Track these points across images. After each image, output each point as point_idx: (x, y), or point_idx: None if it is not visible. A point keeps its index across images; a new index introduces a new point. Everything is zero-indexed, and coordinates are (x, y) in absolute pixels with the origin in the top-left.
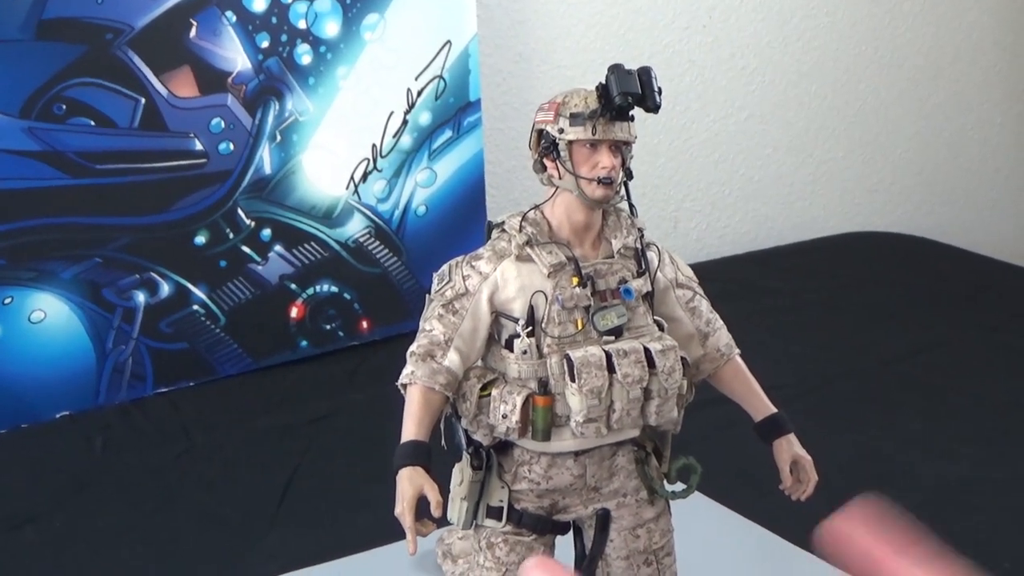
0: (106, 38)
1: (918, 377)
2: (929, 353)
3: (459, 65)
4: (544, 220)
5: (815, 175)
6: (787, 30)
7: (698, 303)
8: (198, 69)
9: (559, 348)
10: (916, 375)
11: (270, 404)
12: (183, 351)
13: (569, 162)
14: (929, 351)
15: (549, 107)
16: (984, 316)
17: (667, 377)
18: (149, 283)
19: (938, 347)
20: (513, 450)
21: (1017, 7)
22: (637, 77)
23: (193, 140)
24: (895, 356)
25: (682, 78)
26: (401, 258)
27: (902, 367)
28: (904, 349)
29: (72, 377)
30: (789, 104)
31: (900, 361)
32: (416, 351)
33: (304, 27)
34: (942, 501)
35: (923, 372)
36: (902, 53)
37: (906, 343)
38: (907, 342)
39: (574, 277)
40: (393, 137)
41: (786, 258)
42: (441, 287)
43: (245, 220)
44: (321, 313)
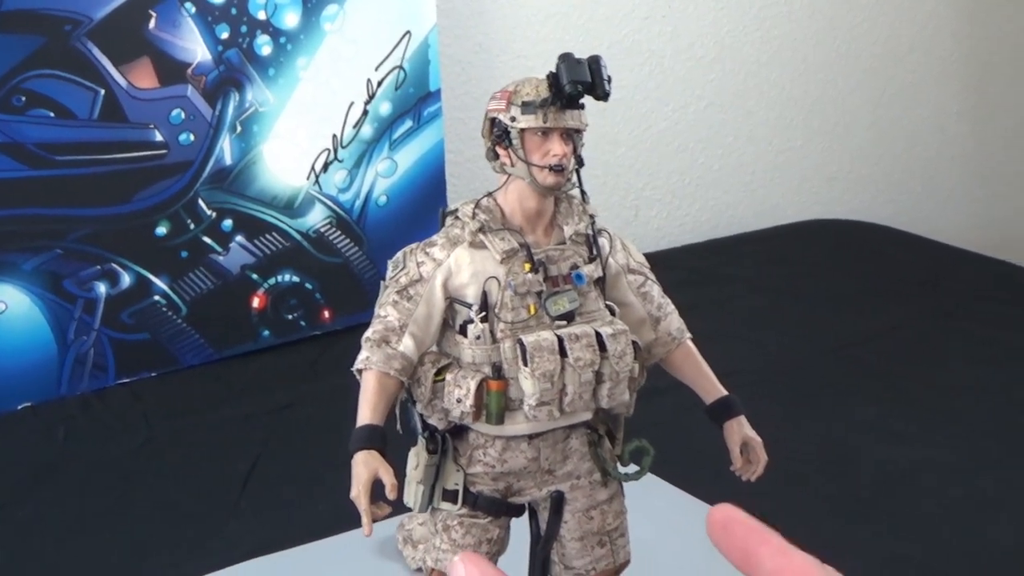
0: (65, 29)
1: (873, 362)
2: (884, 339)
3: (419, 55)
4: (497, 207)
5: (774, 164)
6: (746, 20)
7: (649, 288)
8: (158, 60)
9: (512, 333)
10: (871, 360)
11: (232, 394)
12: (145, 342)
13: (521, 150)
14: (885, 337)
15: (501, 96)
16: (940, 302)
17: (618, 360)
18: (110, 274)
19: (894, 332)
20: (468, 434)
21: None
22: (587, 66)
23: (153, 131)
24: (851, 341)
25: (641, 68)
26: (362, 248)
27: (857, 352)
28: (860, 335)
29: (34, 368)
30: (748, 94)
31: (856, 346)
32: (371, 337)
33: (264, 18)
34: (894, 484)
35: (878, 357)
36: (859, 43)
37: (862, 329)
38: (863, 328)
39: (526, 263)
40: (353, 127)
41: (746, 246)
42: (395, 274)
43: (206, 211)
44: (283, 303)
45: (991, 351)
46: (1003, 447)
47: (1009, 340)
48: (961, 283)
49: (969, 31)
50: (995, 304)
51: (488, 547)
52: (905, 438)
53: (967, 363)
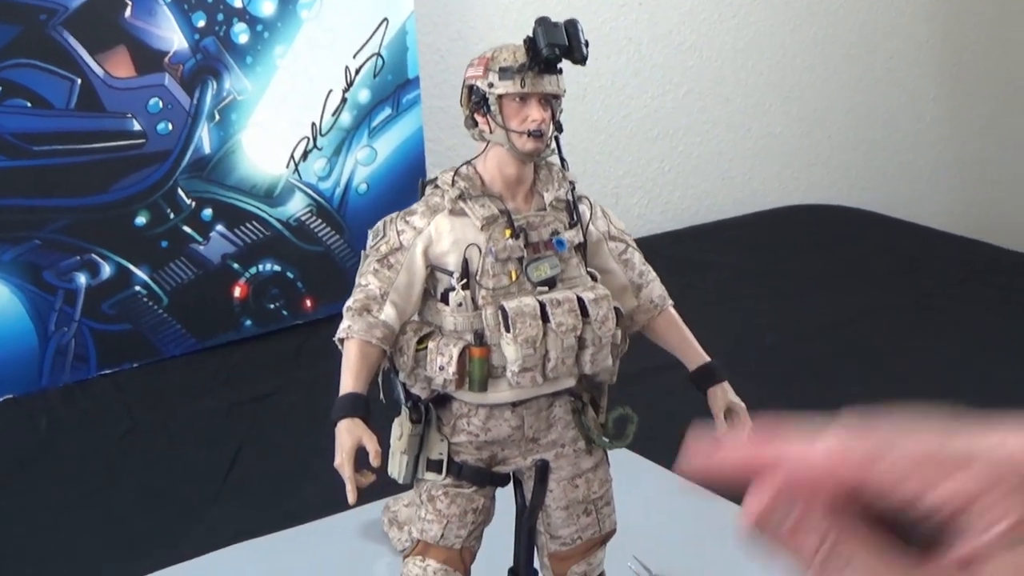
0: (40, 19)
1: (854, 344)
2: (865, 321)
3: (397, 43)
4: (476, 175)
5: (754, 150)
6: (723, 6)
7: (631, 255)
8: (134, 49)
9: (493, 299)
10: (852, 343)
11: (215, 384)
12: (126, 332)
13: (499, 116)
14: (865, 319)
15: (479, 62)
16: (920, 283)
17: (600, 325)
18: (90, 264)
19: (874, 315)
20: (451, 403)
21: None
22: (564, 30)
23: (131, 120)
24: (832, 324)
25: (619, 55)
26: (343, 236)
27: (839, 335)
28: (842, 317)
29: (14, 360)
30: (727, 80)
31: (837, 329)
32: (352, 306)
33: (240, 6)
34: None
35: (859, 340)
36: (837, 29)
37: (843, 312)
38: (844, 311)
39: (507, 229)
40: (332, 115)
41: (727, 232)
42: (376, 242)
43: (186, 200)
44: (264, 292)
45: (970, 332)
46: None
47: (988, 321)
48: (940, 265)
49: (945, 16)
50: (974, 285)
51: (473, 517)
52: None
53: (947, 344)
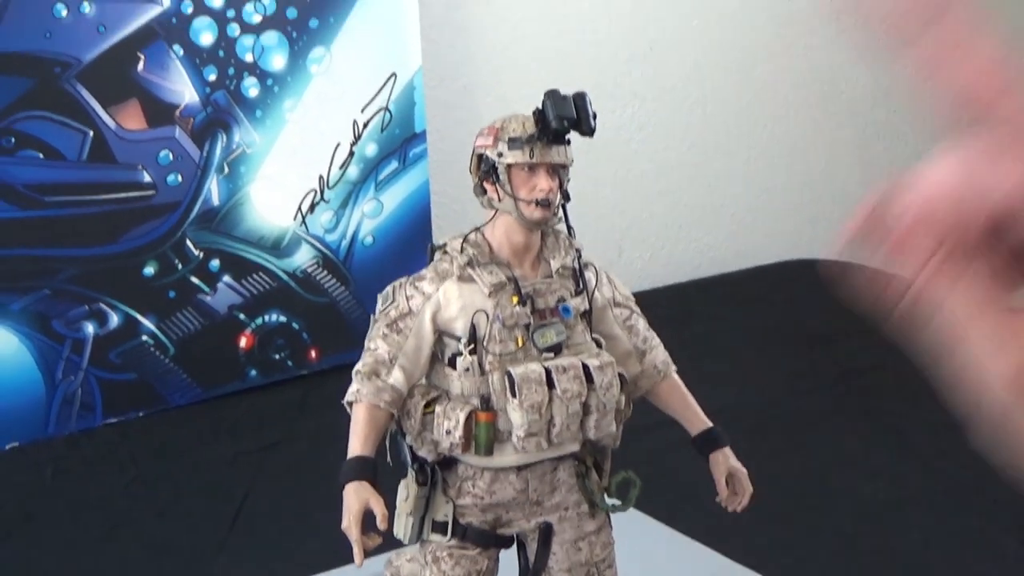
0: (55, 71)
1: (856, 399)
2: (867, 376)
3: (404, 97)
4: (485, 241)
5: (756, 204)
6: (727, 62)
7: (635, 322)
8: (146, 102)
9: (500, 365)
10: (854, 397)
11: (219, 433)
12: (132, 381)
13: (508, 185)
14: (867, 375)
15: (488, 132)
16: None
17: (605, 392)
18: (98, 314)
19: (876, 370)
20: (457, 466)
21: None
22: (572, 102)
23: (141, 172)
24: (834, 379)
25: (624, 109)
26: (349, 288)
27: (840, 390)
28: (842, 373)
29: (22, 408)
30: (730, 134)
31: (838, 384)
32: (361, 369)
33: (251, 60)
34: (878, 518)
35: (861, 394)
36: (839, 85)
37: (844, 367)
38: (845, 366)
39: (514, 296)
40: (340, 168)
41: (729, 286)
42: (385, 307)
43: (194, 251)
44: (270, 343)
45: None
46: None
47: None
48: None
49: None
50: None
51: None
52: (888, 473)
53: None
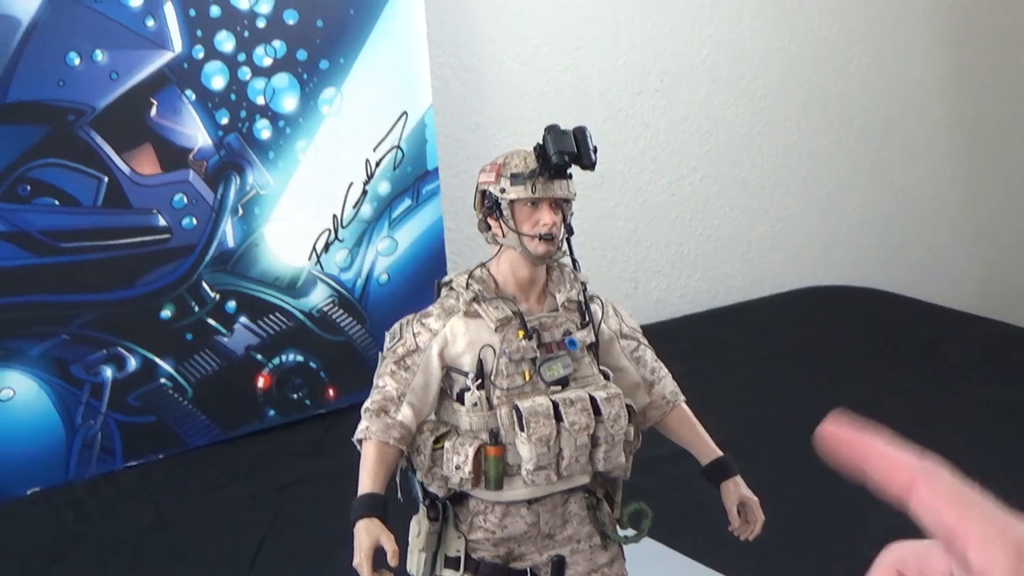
0: (68, 119)
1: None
2: (885, 403)
3: (416, 135)
4: (490, 277)
5: (772, 232)
6: (737, 92)
7: (643, 352)
8: (159, 147)
9: (508, 399)
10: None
11: (239, 474)
12: (151, 424)
13: (512, 220)
14: (886, 400)
15: (491, 168)
16: (941, 365)
17: (613, 424)
18: (116, 358)
19: (895, 396)
20: (468, 501)
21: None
22: (572, 137)
23: (156, 216)
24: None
25: (636, 141)
26: (365, 326)
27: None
28: (862, 399)
29: (42, 453)
30: (743, 164)
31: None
32: (370, 407)
33: (263, 103)
34: None
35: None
36: (851, 111)
37: (863, 393)
38: (864, 393)
39: (520, 330)
40: (353, 207)
41: (746, 314)
42: (393, 345)
43: (210, 293)
44: (288, 382)
45: (992, 413)
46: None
47: (1010, 401)
48: (962, 345)
49: (957, 94)
50: (995, 366)
51: None
52: None
53: (969, 426)
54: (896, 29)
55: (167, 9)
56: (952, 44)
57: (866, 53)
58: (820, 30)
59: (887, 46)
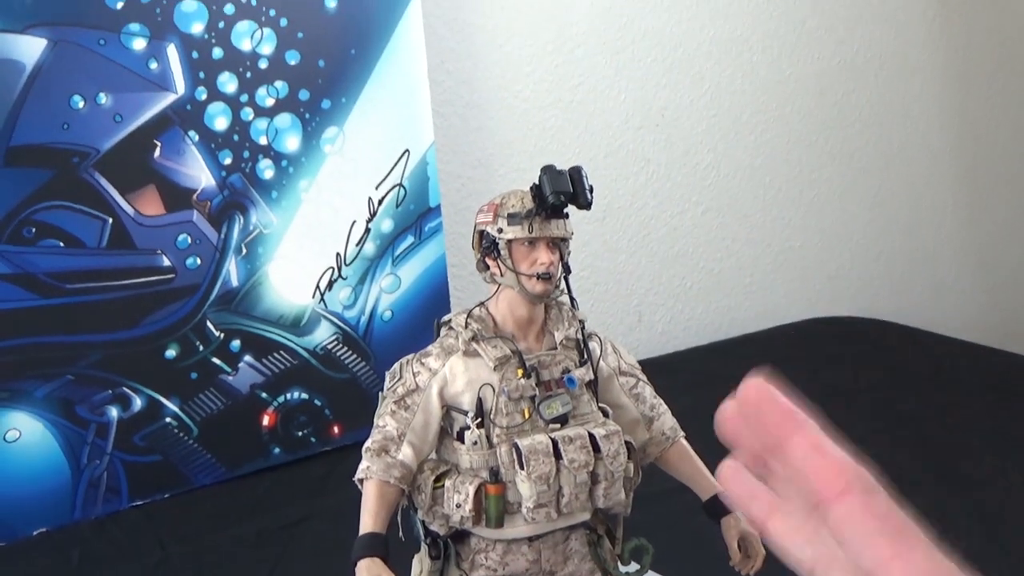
0: (73, 161)
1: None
2: (891, 433)
3: (418, 173)
4: (489, 316)
5: (774, 264)
6: (739, 125)
7: (641, 389)
8: (163, 188)
9: (508, 437)
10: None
11: (244, 512)
12: (157, 463)
13: (509, 260)
14: (891, 431)
15: (488, 209)
16: (945, 395)
17: (612, 461)
18: (122, 398)
19: (900, 426)
20: (469, 538)
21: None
22: (568, 176)
23: (161, 256)
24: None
25: (638, 176)
26: (369, 363)
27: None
28: (866, 429)
29: (48, 493)
30: (745, 197)
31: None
32: (371, 447)
33: (265, 143)
34: None
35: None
36: (852, 143)
37: (867, 425)
38: (868, 424)
39: (519, 369)
40: (356, 245)
41: (750, 347)
42: (393, 384)
43: (214, 332)
44: (292, 420)
45: (998, 443)
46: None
47: (1016, 432)
48: (964, 376)
49: (960, 126)
50: (999, 396)
51: None
52: None
53: (976, 455)
54: (896, 62)
55: (170, 52)
56: (952, 76)
57: (866, 86)
58: (820, 63)
59: (887, 79)
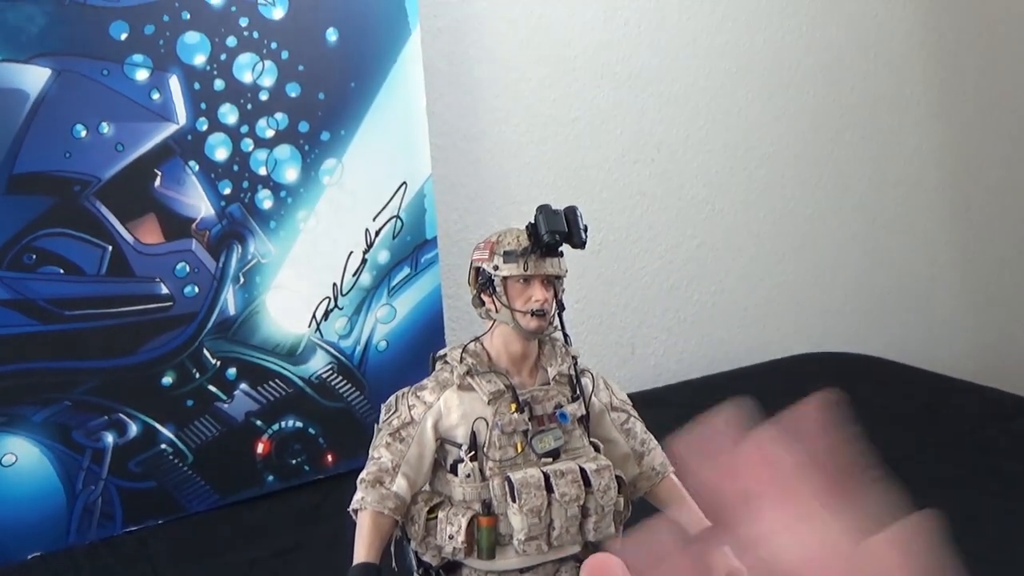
0: (74, 190)
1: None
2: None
3: (415, 205)
4: (483, 351)
5: (768, 298)
6: (733, 161)
7: (632, 424)
8: (163, 216)
9: (500, 471)
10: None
11: (237, 539)
12: (151, 489)
13: (504, 296)
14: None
15: (484, 246)
16: (939, 432)
17: (602, 495)
18: (118, 424)
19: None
20: (461, 569)
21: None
22: (564, 216)
23: (159, 284)
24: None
25: (633, 210)
26: (364, 392)
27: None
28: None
29: (43, 518)
30: (739, 231)
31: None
32: (366, 478)
33: (265, 173)
34: None
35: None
36: (846, 179)
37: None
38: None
39: (512, 404)
40: (353, 276)
41: (743, 381)
42: (388, 417)
43: (211, 360)
44: (287, 448)
45: (990, 481)
46: None
47: (1009, 470)
48: (959, 412)
49: (954, 162)
50: (993, 433)
51: None
52: None
53: (969, 493)
54: (890, 99)
55: (172, 83)
56: (947, 113)
57: (860, 123)
58: (814, 101)
59: (881, 116)
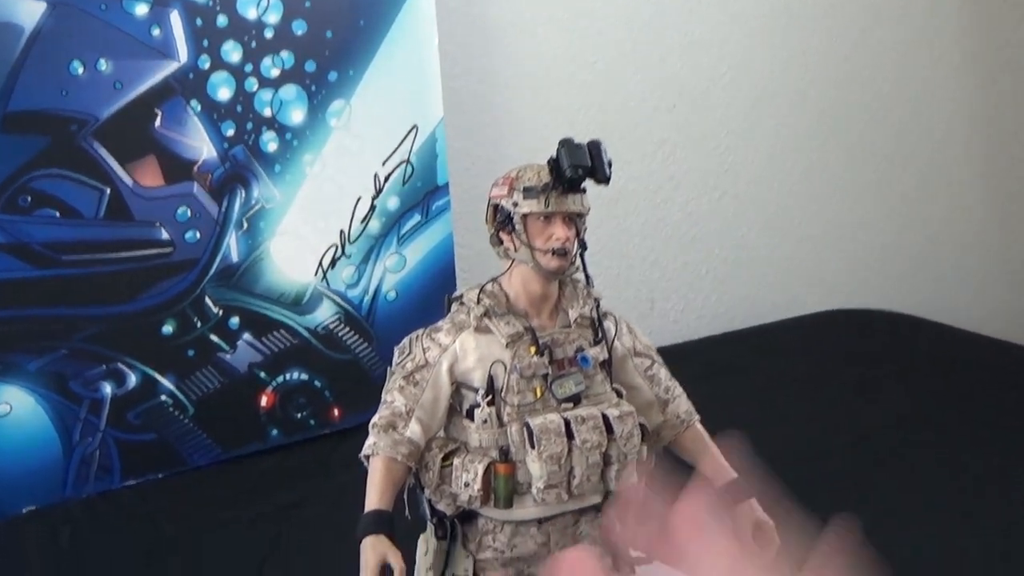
0: (71, 129)
1: (896, 451)
2: (907, 428)
3: (426, 149)
4: (502, 292)
5: (792, 254)
6: (757, 111)
7: (656, 371)
8: (163, 158)
9: (519, 416)
10: (894, 449)
11: (240, 494)
12: (151, 442)
13: (524, 234)
14: (907, 426)
15: (503, 182)
16: (962, 390)
17: (625, 442)
18: (116, 374)
19: (916, 421)
20: (477, 519)
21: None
22: (587, 150)
23: (159, 229)
24: (873, 431)
25: (653, 157)
26: (372, 344)
27: (880, 442)
28: (882, 424)
29: (38, 471)
30: (763, 183)
31: (878, 436)
32: (378, 422)
33: (270, 115)
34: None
35: (900, 446)
36: (875, 132)
37: (884, 418)
38: (885, 417)
39: (532, 346)
40: (361, 222)
41: (764, 337)
42: (402, 359)
43: (213, 308)
44: (291, 401)
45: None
46: None
47: None
48: (983, 370)
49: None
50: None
51: None
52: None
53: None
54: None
55: (173, 18)
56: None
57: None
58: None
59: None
